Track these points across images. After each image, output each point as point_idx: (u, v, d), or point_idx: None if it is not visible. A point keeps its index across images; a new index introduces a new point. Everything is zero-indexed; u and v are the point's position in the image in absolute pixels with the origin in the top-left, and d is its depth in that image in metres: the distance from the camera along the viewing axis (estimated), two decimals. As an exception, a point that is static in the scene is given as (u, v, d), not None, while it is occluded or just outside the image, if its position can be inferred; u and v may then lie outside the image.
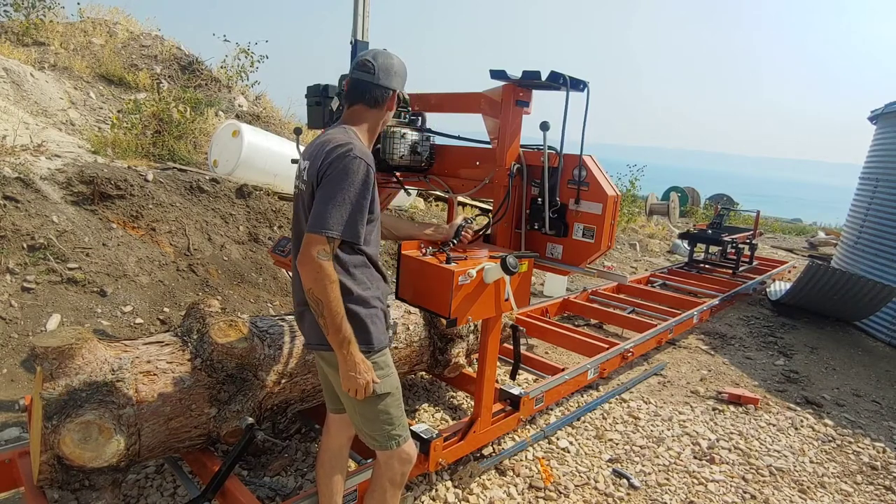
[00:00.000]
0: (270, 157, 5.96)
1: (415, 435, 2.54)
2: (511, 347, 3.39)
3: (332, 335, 1.70)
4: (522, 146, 2.73)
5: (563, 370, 3.55)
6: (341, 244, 1.74)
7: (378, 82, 1.84)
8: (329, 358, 1.84)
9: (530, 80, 2.48)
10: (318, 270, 1.65)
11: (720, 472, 3.08)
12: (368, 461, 2.47)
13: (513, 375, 3.49)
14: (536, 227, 2.74)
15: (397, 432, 1.92)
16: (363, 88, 1.85)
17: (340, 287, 1.74)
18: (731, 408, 3.87)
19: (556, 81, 2.45)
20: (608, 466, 3.04)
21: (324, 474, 2.10)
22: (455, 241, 2.42)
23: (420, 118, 2.86)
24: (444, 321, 2.29)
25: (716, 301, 5.79)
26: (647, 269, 8.09)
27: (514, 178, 2.64)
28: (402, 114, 2.74)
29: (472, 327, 3.33)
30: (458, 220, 2.52)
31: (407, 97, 2.00)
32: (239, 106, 8.64)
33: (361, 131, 1.87)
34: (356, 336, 1.77)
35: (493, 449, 3.04)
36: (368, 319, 1.81)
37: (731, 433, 3.52)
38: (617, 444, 3.28)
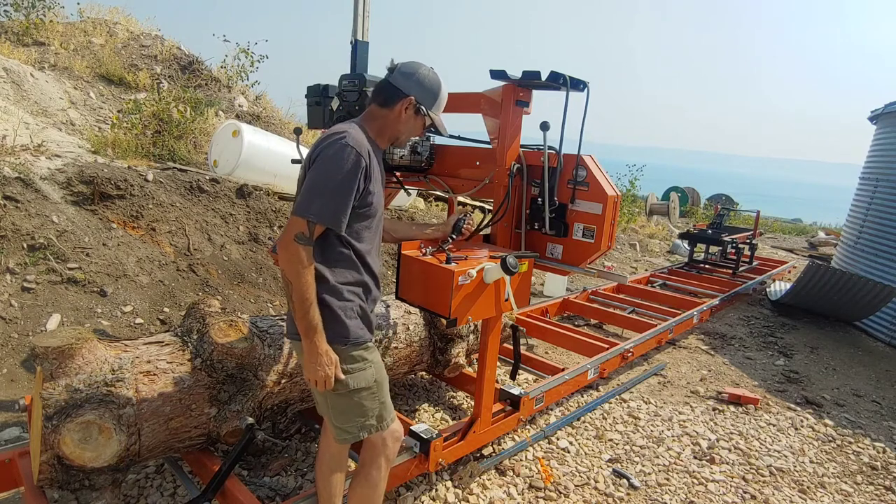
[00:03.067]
0: (270, 157, 5.97)
1: (415, 435, 2.55)
2: (511, 347, 3.39)
3: (300, 320, 1.69)
4: (522, 146, 2.73)
5: (563, 370, 3.55)
6: (329, 234, 1.72)
7: (391, 81, 1.83)
8: (297, 349, 1.82)
9: (530, 80, 2.48)
10: (293, 253, 1.64)
11: (720, 472, 3.08)
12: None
13: (513, 375, 3.49)
14: (536, 227, 2.74)
15: (371, 422, 1.89)
16: (377, 86, 1.87)
17: (316, 275, 1.72)
18: (731, 408, 3.87)
19: (556, 81, 2.45)
20: (608, 466, 3.04)
21: (323, 474, 2.10)
22: (454, 236, 2.42)
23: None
24: (444, 321, 2.29)
25: (716, 301, 5.79)
26: (647, 269, 8.09)
27: (514, 178, 2.64)
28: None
29: (472, 327, 3.33)
30: (456, 215, 2.53)
31: (438, 124, 1.94)
32: (239, 106, 8.64)
33: (371, 130, 1.84)
34: (331, 328, 1.75)
35: (493, 449, 3.04)
36: (342, 311, 1.78)
37: (731, 433, 3.52)
38: (617, 444, 3.28)
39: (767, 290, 6.95)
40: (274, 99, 9.95)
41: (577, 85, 2.49)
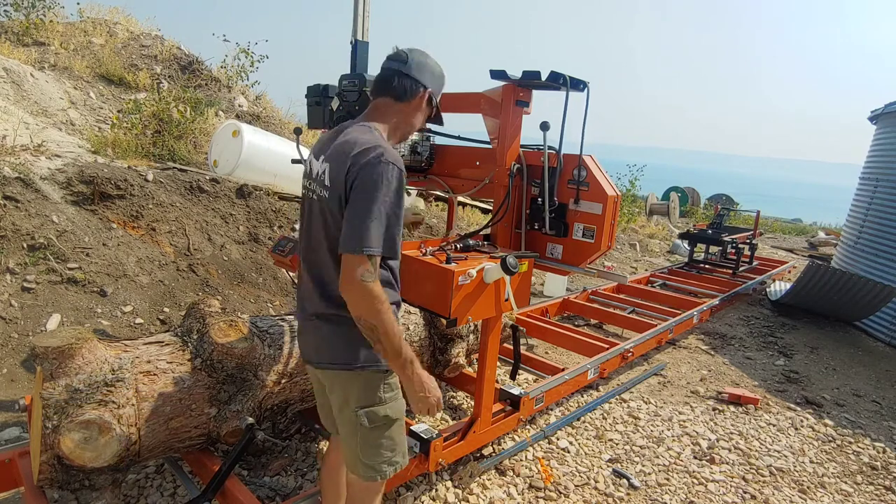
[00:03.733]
0: (270, 157, 5.97)
1: (415, 435, 2.55)
2: (511, 347, 3.39)
3: (394, 359, 1.57)
4: (522, 146, 2.73)
5: (563, 370, 3.55)
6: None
7: (409, 73, 1.68)
8: (343, 379, 1.68)
9: (530, 80, 2.48)
10: (367, 294, 1.48)
11: (720, 472, 3.08)
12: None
13: (513, 375, 3.49)
14: (536, 227, 2.74)
15: (397, 459, 1.78)
16: (391, 77, 1.68)
17: None
18: (731, 408, 3.87)
19: (556, 81, 2.45)
20: (608, 466, 3.04)
21: (332, 477, 2.05)
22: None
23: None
24: (444, 321, 2.29)
25: (716, 301, 5.79)
26: (647, 269, 8.09)
27: (514, 178, 2.64)
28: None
29: (472, 327, 3.33)
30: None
31: (440, 112, 1.87)
32: (239, 106, 8.64)
33: (385, 129, 1.69)
34: (371, 353, 1.65)
35: (493, 449, 3.04)
36: None
37: (731, 433, 3.52)
38: (617, 444, 3.28)
39: (767, 290, 6.95)
40: (274, 99, 9.93)
41: (577, 85, 2.49)
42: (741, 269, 7.40)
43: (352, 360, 1.66)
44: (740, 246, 7.40)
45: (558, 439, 3.26)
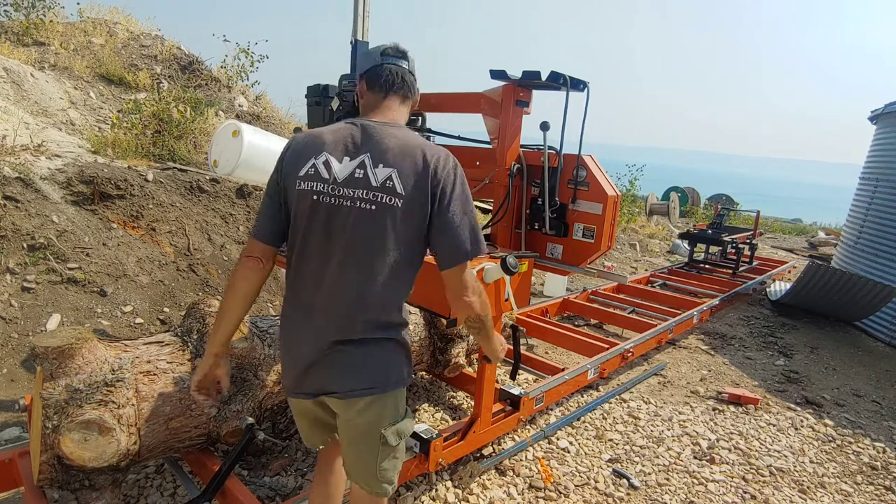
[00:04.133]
0: (270, 157, 5.95)
1: (415, 435, 2.55)
2: (511, 347, 3.39)
3: (490, 330, 1.68)
4: (522, 146, 2.73)
5: (563, 370, 3.55)
6: (408, 271, 1.57)
7: (413, 72, 1.66)
8: (373, 401, 1.58)
9: (530, 80, 2.48)
10: (482, 293, 1.55)
11: (720, 472, 3.08)
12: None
13: (513, 375, 3.47)
14: (536, 227, 2.75)
15: (400, 466, 1.77)
16: (402, 75, 1.61)
17: (398, 322, 1.58)
18: (731, 408, 3.87)
19: (556, 81, 2.45)
20: (608, 466, 3.04)
21: (327, 473, 2.04)
22: None
23: (420, 118, 2.87)
24: (444, 321, 2.29)
25: (716, 301, 5.79)
26: (647, 269, 8.09)
27: (514, 178, 2.64)
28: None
29: (472, 327, 3.33)
30: None
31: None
32: (239, 106, 8.63)
33: None
34: (402, 371, 1.61)
35: (493, 449, 3.04)
36: (409, 350, 1.67)
37: (731, 433, 3.52)
38: (617, 444, 3.28)
39: (767, 290, 6.96)
40: (274, 99, 9.92)
41: (577, 85, 2.49)
42: (741, 269, 7.40)
43: (391, 380, 1.59)
44: (740, 246, 7.40)
45: (558, 439, 3.26)
